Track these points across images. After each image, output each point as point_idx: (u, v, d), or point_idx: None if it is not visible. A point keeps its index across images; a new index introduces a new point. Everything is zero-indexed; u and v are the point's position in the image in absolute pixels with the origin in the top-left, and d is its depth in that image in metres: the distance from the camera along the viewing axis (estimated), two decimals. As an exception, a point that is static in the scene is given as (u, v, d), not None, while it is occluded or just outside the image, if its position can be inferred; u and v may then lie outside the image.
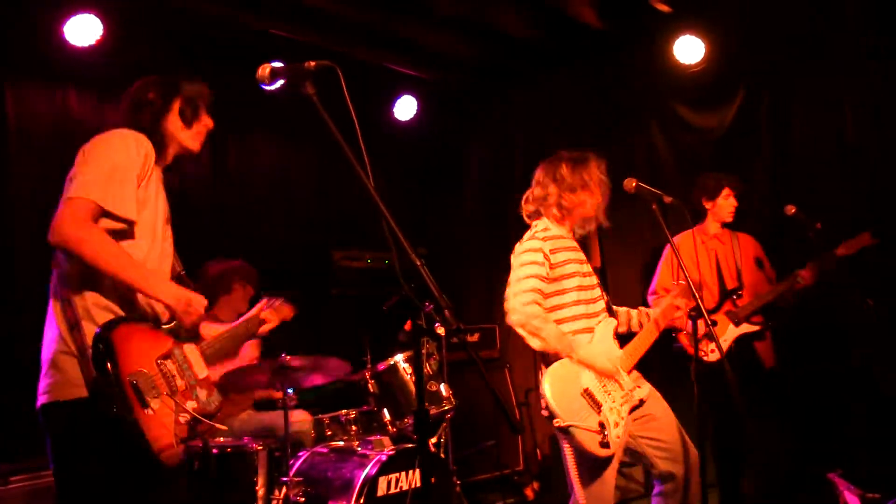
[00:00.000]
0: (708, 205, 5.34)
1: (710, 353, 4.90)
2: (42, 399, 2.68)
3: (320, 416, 5.11)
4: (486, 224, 7.56)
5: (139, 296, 2.77)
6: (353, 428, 4.97)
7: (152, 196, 2.83)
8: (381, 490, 4.40)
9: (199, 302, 2.82)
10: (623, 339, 3.92)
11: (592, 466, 3.61)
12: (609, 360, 3.70)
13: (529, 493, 6.08)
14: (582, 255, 3.92)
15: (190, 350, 2.89)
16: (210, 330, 3.19)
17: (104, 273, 2.62)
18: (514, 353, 6.81)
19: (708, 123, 6.14)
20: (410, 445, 4.66)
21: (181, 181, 3.29)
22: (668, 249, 5.32)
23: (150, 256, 2.82)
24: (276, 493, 4.43)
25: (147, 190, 2.80)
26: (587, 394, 3.59)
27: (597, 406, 3.57)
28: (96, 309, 2.67)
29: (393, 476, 4.46)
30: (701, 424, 3.91)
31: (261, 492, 4.66)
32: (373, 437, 4.85)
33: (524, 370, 6.89)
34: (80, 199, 2.64)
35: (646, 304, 5.56)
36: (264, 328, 3.41)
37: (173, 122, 3.00)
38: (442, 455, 5.07)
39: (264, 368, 4.41)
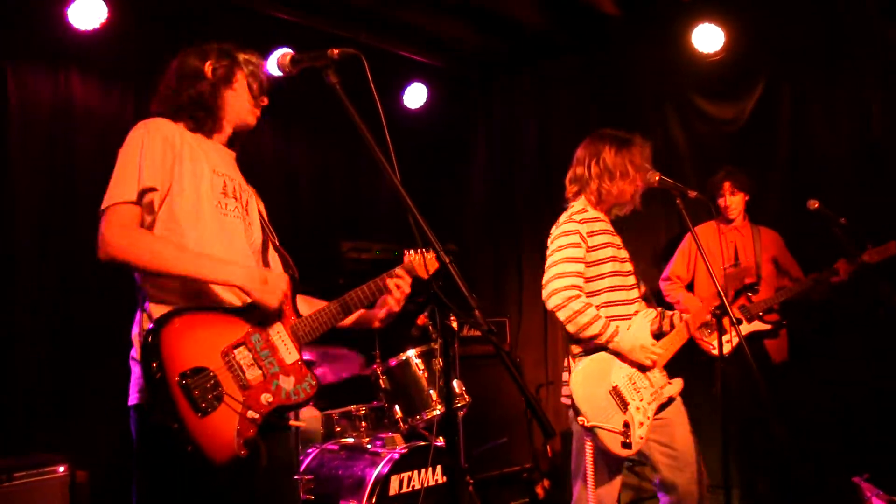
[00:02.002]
0: (718, 201, 5.29)
1: (713, 350, 4.81)
2: (129, 399, 2.52)
3: (330, 411, 5.00)
4: (494, 214, 7.46)
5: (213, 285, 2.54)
6: (364, 424, 4.86)
7: (188, 181, 2.58)
8: (394, 489, 4.31)
9: (279, 277, 2.57)
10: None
11: (608, 466, 3.57)
12: (646, 353, 3.60)
13: (540, 490, 5.98)
14: (619, 240, 3.82)
15: (276, 332, 2.59)
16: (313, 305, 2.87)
17: (160, 273, 2.42)
18: (525, 347, 6.72)
19: (726, 115, 6.03)
20: (423, 443, 4.54)
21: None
22: (686, 239, 5.22)
23: (201, 234, 2.56)
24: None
25: (180, 171, 2.57)
26: (615, 392, 3.52)
27: (623, 405, 3.51)
28: (159, 308, 2.47)
29: (405, 475, 4.37)
30: (724, 422, 3.84)
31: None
32: (384, 434, 4.74)
33: (535, 364, 6.81)
34: (112, 206, 2.46)
35: (658, 292, 5.50)
36: (389, 307, 2.99)
37: (232, 95, 2.77)
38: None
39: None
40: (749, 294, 5.03)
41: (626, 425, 3.47)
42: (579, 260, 3.59)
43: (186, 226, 2.54)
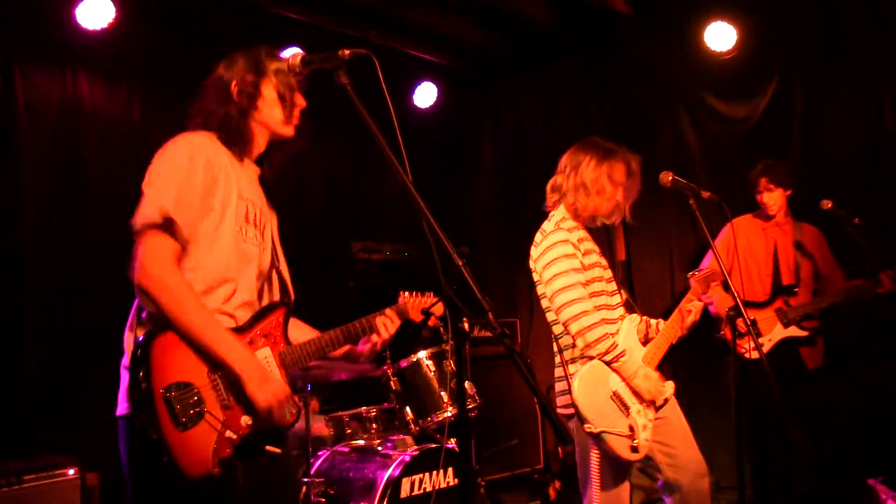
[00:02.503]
0: (756, 197, 5.17)
1: (752, 351, 4.69)
2: (117, 410, 2.51)
3: (340, 413, 4.97)
4: (502, 214, 7.42)
5: (215, 297, 2.52)
6: (374, 426, 4.84)
7: (218, 203, 2.54)
8: (405, 492, 4.28)
9: (280, 388, 2.49)
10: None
11: (616, 470, 3.52)
12: (648, 385, 3.53)
13: (551, 492, 5.94)
14: (597, 248, 3.76)
15: (264, 356, 2.59)
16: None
17: (173, 322, 2.37)
18: (536, 348, 6.68)
19: (738, 114, 5.97)
20: (434, 445, 4.51)
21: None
22: (723, 233, 5.12)
23: (216, 258, 2.53)
24: (296, 493, 4.31)
25: (213, 198, 2.53)
26: (616, 396, 3.48)
27: (625, 409, 3.47)
28: (156, 319, 2.44)
29: (416, 477, 4.35)
30: (738, 424, 3.80)
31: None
32: (395, 436, 4.71)
33: (545, 365, 6.73)
34: (151, 231, 2.39)
35: (674, 297, 5.44)
36: (372, 342, 2.97)
37: (263, 110, 2.70)
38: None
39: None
40: (787, 297, 4.96)
41: (631, 429, 3.44)
42: (579, 269, 3.52)
43: (203, 246, 2.51)
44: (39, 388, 4.94)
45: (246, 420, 2.44)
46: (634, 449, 3.42)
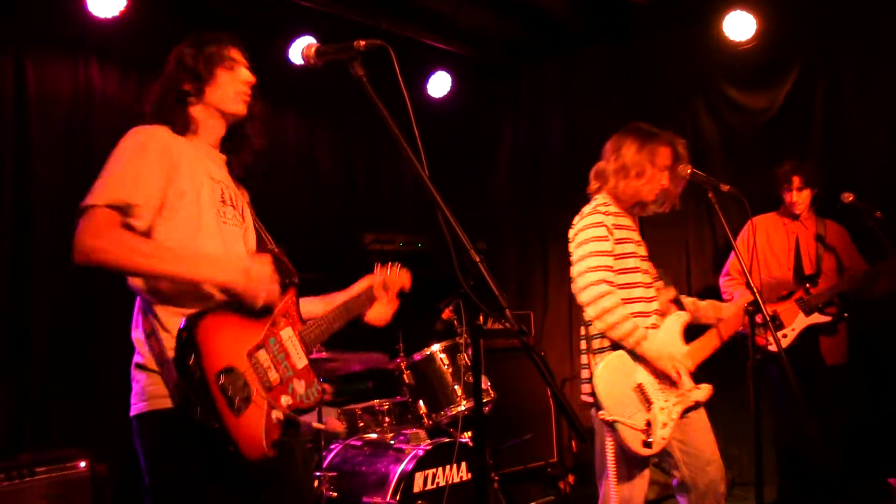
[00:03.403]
0: (779, 195, 5.08)
1: (770, 345, 4.62)
2: (130, 411, 2.46)
3: (353, 406, 4.94)
4: (518, 206, 7.35)
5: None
6: (387, 419, 4.80)
7: (188, 187, 2.49)
8: (418, 486, 4.24)
9: (262, 268, 2.47)
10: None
11: (630, 463, 3.48)
12: (673, 363, 3.50)
13: (565, 486, 5.90)
14: (639, 237, 3.72)
15: (288, 336, 2.60)
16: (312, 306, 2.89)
17: (136, 273, 2.35)
18: (550, 340, 6.63)
19: (758, 104, 5.90)
20: (448, 440, 4.47)
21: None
22: (744, 230, 5.03)
23: (201, 245, 2.49)
24: (309, 487, 4.28)
25: (179, 182, 2.48)
26: (640, 389, 3.46)
27: (647, 403, 3.44)
28: (171, 315, 2.40)
29: (430, 471, 4.31)
30: (756, 419, 3.76)
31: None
32: (408, 430, 4.67)
33: (559, 357, 6.72)
34: (92, 207, 2.33)
35: (690, 292, 5.37)
36: (378, 314, 3.16)
37: (210, 92, 2.65)
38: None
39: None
40: (808, 285, 4.89)
41: (648, 424, 3.40)
42: (608, 253, 3.49)
43: (186, 236, 2.46)
44: (51, 380, 4.93)
45: (287, 400, 2.45)
46: (647, 444, 3.38)
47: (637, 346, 3.44)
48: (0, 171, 4.94)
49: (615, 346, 3.50)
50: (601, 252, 3.47)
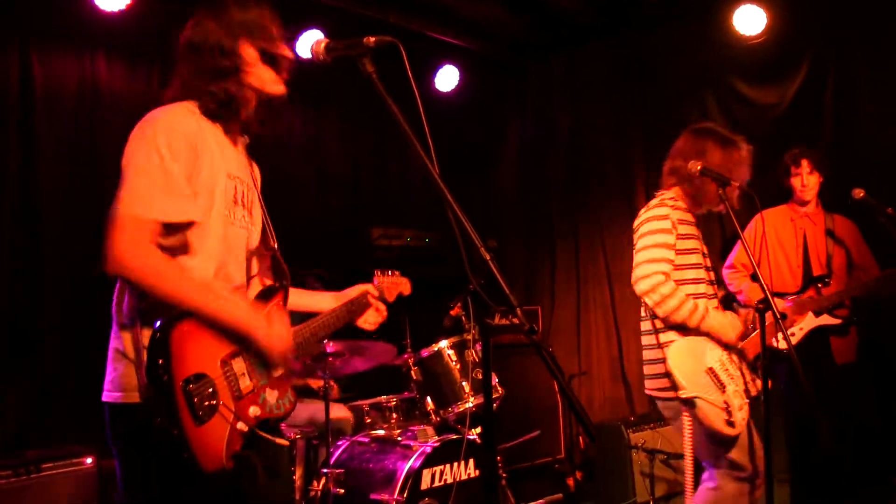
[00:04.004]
0: (786, 183, 5.03)
1: (781, 342, 4.59)
2: (104, 396, 2.37)
3: (360, 402, 4.92)
4: (527, 200, 7.32)
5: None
6: (395, 416, 4.79)
7: (203, 187, 2.40)
8: (425, 483, 4.23)
9: (284, 327, 2.49)
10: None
11: (717, 444, 3.49)
12: (735, 332, 3.59)
13: (571, 482, 5.88)
14: (698, 233, 3.75)
15: None
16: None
17: (163, 299, 2.25)
18: (558, 335, 6.60)
19: (768, 99, 5.86)
20: (455, 436, 4.45)
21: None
22: (751, 224, 5.00)
23: (203, 244, 2.41)
24: (315, 483, 4.27)
25: (195, 182, 2.38)
26: (711, 372, 3.49)
27: (721, 386, 3.48)
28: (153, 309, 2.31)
29: (437, 468, 4.29)
30: (767, 416, 3.76)
31: (299, 482, 4.50)
32: (415, 427, 4.65)
33: (567, 354, 6.69)
34: (133, 217, 2.25)
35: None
36: (370, 321, 3.04)
37: (249, 73, 2.48)
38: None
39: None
40: (819, 285, 4.86)
41: (727, 404, 3.43)
42: (670, 246, 3.53)
43: (194, 237, 2.39)
44: (57, 376, 4.91)
45: (255, 411, 2.36)
46: (730, 423, 3.39)
47: (702, 322, 3.50)
48: (6, 167, 4.91)
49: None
50: (663, 244, 3.52)
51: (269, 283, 2.73)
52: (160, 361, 2.16)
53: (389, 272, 3.27)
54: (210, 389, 2.25)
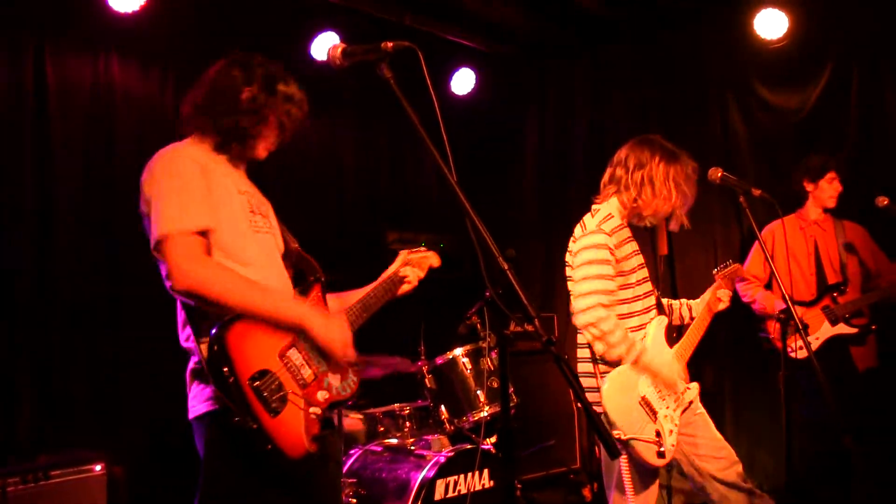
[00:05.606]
0: (810, 187, 5.01)
1: (799, 350, 4.51)
2: (189, 415, 2.55)
3: (373, 410, 4.85)
4: (543, 205, 7.22)
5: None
6: (408, 424, 4.71)
7: (222, 198, 2.59)
8: (439, 494, 4.18)
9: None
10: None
11: (644, 476, 3.52)
12: (671, 371, 3.55)
13: (587, 493, 5.80)
14: (637, 246, 3.67)
15: None
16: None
17: (228, 307, 2.40)
18: (573, 343, 6.50)
19: (790, 104, 5.74)
20: (470, 446, 4.38)
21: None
22: (762, 235, 4.93)
23: (248, 256, 2.60)
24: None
25: (216, 195, 2.57)
26: (644, 402, 3.46)
27: (653, 414, 3.47)
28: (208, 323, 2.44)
29: (451, 479, 4.23)
30: (787, 426, 3.81)
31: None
32: (429, 436, 4.59)
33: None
34: (177, 234, 2.43)
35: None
36: (405, 288, 3.14)
37: (262, 132, 2.72)
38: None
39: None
40: (835, 294, 4.79)
41: (658, 434, 3.43)
42: (609, 277, 3.45)
43: (236, 249, 2.56)
44: (68, 382, 4.88)
45: (323, 395, 2.52)
46: (661, 454, 3.42)
47: (639, 361, 3.43)
48: (20, 166, 4.90)
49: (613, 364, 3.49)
50: (602, 276, 3.43)
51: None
52: (224, 369, 2.31)
53: (416, 248, 3.32)
54: (276, 383, 2.40)
